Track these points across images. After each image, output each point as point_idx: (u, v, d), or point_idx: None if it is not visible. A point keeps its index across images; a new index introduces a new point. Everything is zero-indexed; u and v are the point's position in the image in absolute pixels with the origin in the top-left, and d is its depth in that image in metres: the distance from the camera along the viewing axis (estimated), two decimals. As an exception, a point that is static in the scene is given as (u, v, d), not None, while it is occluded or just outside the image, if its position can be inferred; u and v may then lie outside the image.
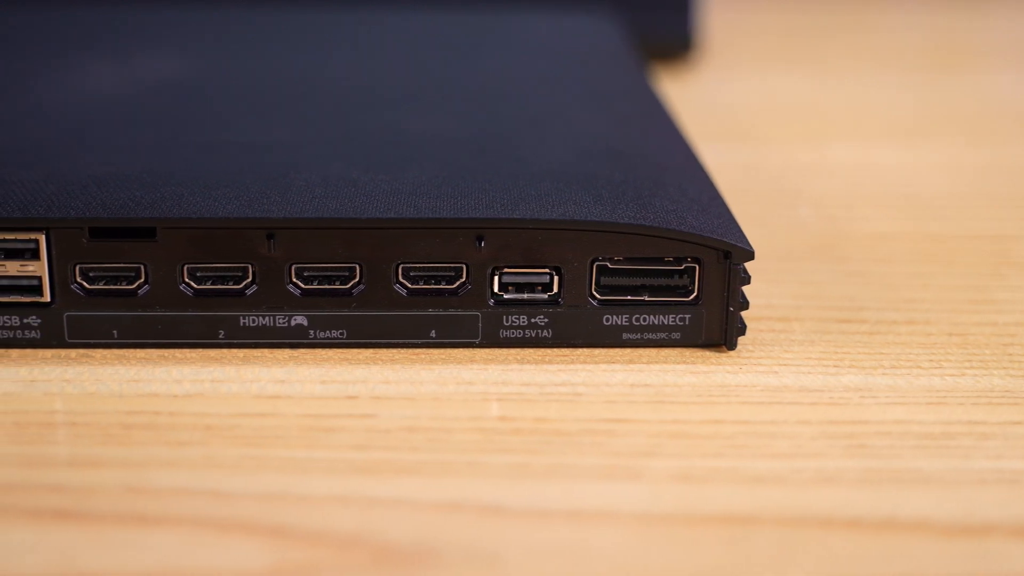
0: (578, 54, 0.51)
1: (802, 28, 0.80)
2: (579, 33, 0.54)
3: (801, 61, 0.72)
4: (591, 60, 0.50)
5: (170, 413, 0.31)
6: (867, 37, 0.79)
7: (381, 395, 0.32)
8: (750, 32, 0.77)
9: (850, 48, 0.75)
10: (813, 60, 0.72)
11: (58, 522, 0.27)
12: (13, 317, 0.33)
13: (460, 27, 0.55)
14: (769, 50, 0.75)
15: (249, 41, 0.52)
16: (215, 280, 0.33)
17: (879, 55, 0.74)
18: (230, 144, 0.38)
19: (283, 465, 0.29)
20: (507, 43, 0.53)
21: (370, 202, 0.33)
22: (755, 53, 0.73)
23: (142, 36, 0.52)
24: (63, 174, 0.35)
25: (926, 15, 0.84)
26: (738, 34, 0.75)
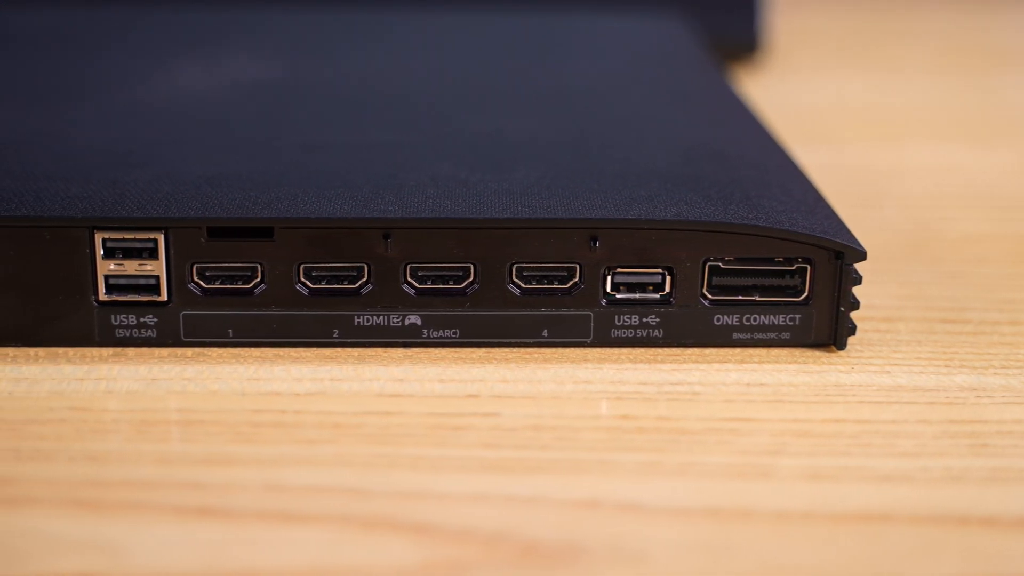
0: (654, 56, 0.52)
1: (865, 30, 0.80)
2: (651, 35, 0.54)
3: (866, 62, 0.72)
4: (669, 62, 0.51)
5: (295, 412, 0.31)
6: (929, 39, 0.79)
7: (501, 394, 0.32)
8: (814, 33, 0.78)
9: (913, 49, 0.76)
10: (878, 61, 0.72)
11: (203, 519, 0.27)
12: (130, 316, 0.34)
13: (533, 29, 0.55)
14: (834, 51, 0.75)
15: (331, 43, 0.52)
16: (330, 280, 0.34)
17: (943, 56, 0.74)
18: (333, 145, 0.38)
19: (416, 463, 0.29)
20: (582, 45, 0.53)
21: (483, 202, 0.34)
22: (820, 54, 0.73)
23: (227, 38, 0.52)
24: (174, 174, 0.35)
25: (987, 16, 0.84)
26: (803, 35, 0.76)
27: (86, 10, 0.56)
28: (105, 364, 0.33)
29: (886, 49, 0.75)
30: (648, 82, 0.48)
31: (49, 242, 0.33)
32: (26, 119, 0.40)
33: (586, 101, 0.44)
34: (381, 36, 0.53)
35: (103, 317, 0.33)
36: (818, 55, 0.73)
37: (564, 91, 0.46)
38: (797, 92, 0.61)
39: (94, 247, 0.33)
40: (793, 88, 0.62)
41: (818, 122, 0.56)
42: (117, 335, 0.34)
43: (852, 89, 0.65)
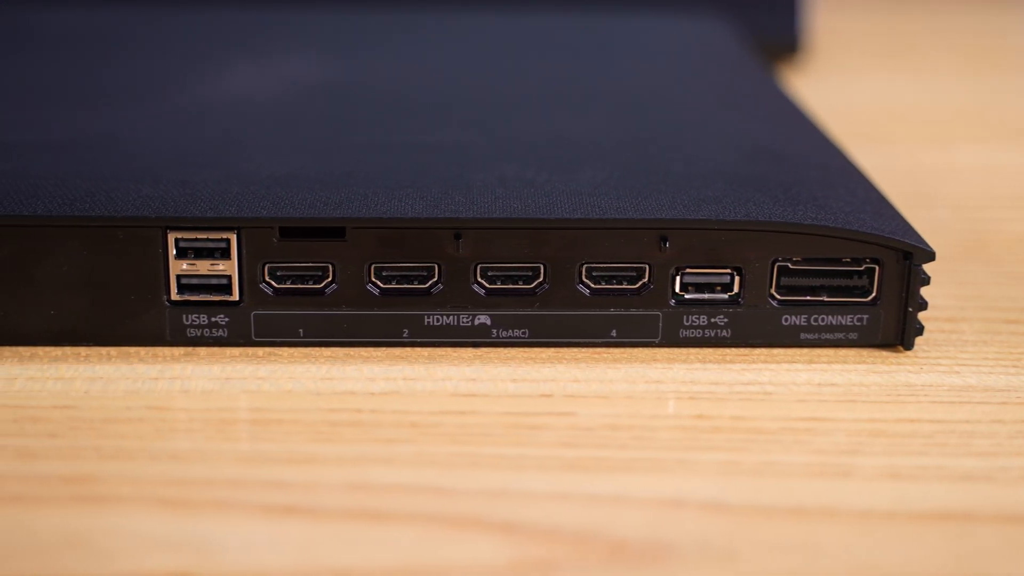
0: (701, 56, 0.52)
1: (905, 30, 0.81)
2: (695, 35, 0.54)
3: (907, 63, 0.72)
4: (716, 62, 0.51)
5: (372, 411, 0.31)
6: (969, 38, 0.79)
7: (574, 393, 0.32)
8: (854, 34, 0.78)
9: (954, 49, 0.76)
10: (919, 62, 0.73)
11: (290, 518, 0.27)
12: (202, 316, 0.34)
13: (575, 30, 0.55)
14: (874, 52, 0.75)
15: (379, 44, 0.52)
16: (401, 279, 0.34)
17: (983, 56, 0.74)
18: (396, 145, 0.38)
19: (497, 463, 0.29)
20: (627, 46, 0.53)
21: (553, 202, 0.34)
22: (861, 54, 0.73)
23: (276, 38, 0.52)
24: (241, 174, 0.35)
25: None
26: (842, 36, 0.76)
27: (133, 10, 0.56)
28: (177, 363, 0.33)
29: (926, 49, 0.75)
30: (698, 82, 0.48)
31: (122, 242, 0.33)
32: (87, 120, 0.40)
33: (639, 102, 0.44)
34: (425, 37, 0.53)
35: (175, 317, 0.34)
36: (858, 55, 0.73)
37: (616, 92, 0.46)
38: (839, 92, 0.61)
39: (167, 247, 0.33)
40: (835, 88, 0.62)
41: (862, 123, 0.56)
42: (188, 335, 0.34)
43: (894, 89, 0.66)
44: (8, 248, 0.33)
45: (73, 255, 0.33)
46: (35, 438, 0.30)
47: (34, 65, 0.47)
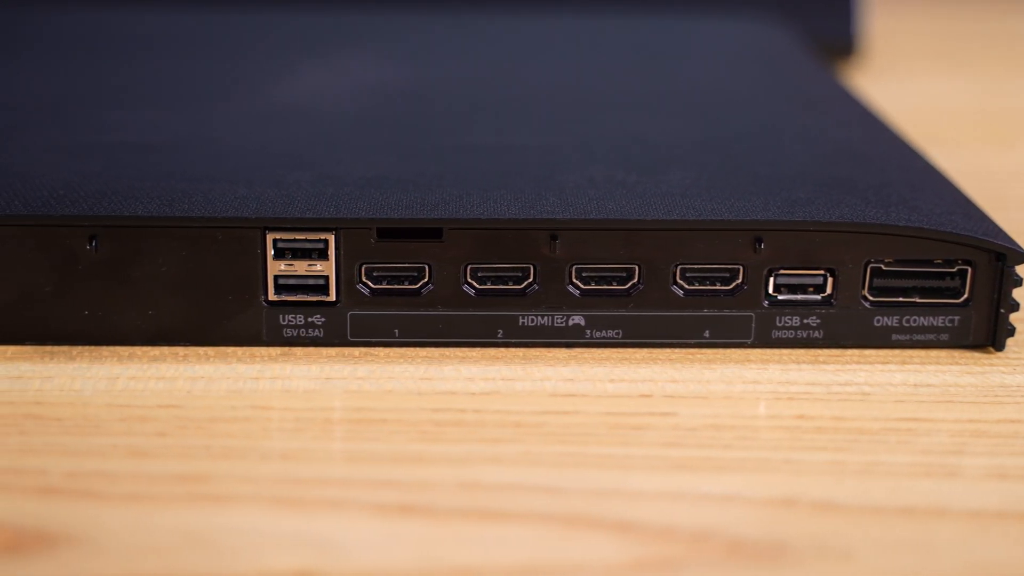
0: (765, 58, 0.52)
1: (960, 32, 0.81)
2: (757, 39, 0.55)
3: (963, 65, 0.72)
4: (780, 65, 0.51)
5: (474, 411, 0.31)
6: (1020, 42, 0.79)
7: (673, 394, 0.32)
8: (910, 35, 0.78)
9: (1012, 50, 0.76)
10: (975, 64, 0.73)
11: (406, 517, 0.27)
12: (298, 316, 0.34)
13: (636, 33, 0.55)
14: (931, 54, 0.75)
15: (446, 47, 0.52)
16: (496, 280, 0.34)
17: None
18: (481, 147, 0.38)
19: (604, 462, 0.29)
20: (691, 48, 0.53)
21: (646, 203, 0.34)
22: (917, 56, 0.73)
23: (349, 41, 0.52)
24: (334, 176, 0.35)
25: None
26: (898, 37, 0.76)
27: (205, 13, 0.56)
28: (276, 363, 0.33)
29: (982, 51, 0.75)
30: (766, 85, 0.48)
31: (221, 243, 0.33)
32: (169, 121, 0.40)
33: (712, 104, 0.44)
34: (488, 40, 0.54)
35: (271, 317, 0.34)
36: (915, 57, 0.73)
37: (687, 94, 0.46)
38: (897, 94, 0.61)
39: (265, 247, 0.33)
40: (894, 90, 0.62)
41: (923, 124, 0.56)
42: (285, 335, 0.34)
43: (952, 91, 0.66)
44: (108, 248, 0.33)
45: (172, 255, 0.33)
46: (144, 437, 0.30)
47: (112, 67, 0.47)
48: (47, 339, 0.34)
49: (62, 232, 0.33)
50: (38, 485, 0.28)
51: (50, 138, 0.38)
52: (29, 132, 0.39)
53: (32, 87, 0.44)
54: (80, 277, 0.33)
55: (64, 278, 0.33)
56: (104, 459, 0.29)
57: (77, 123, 0.40)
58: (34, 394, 0.32)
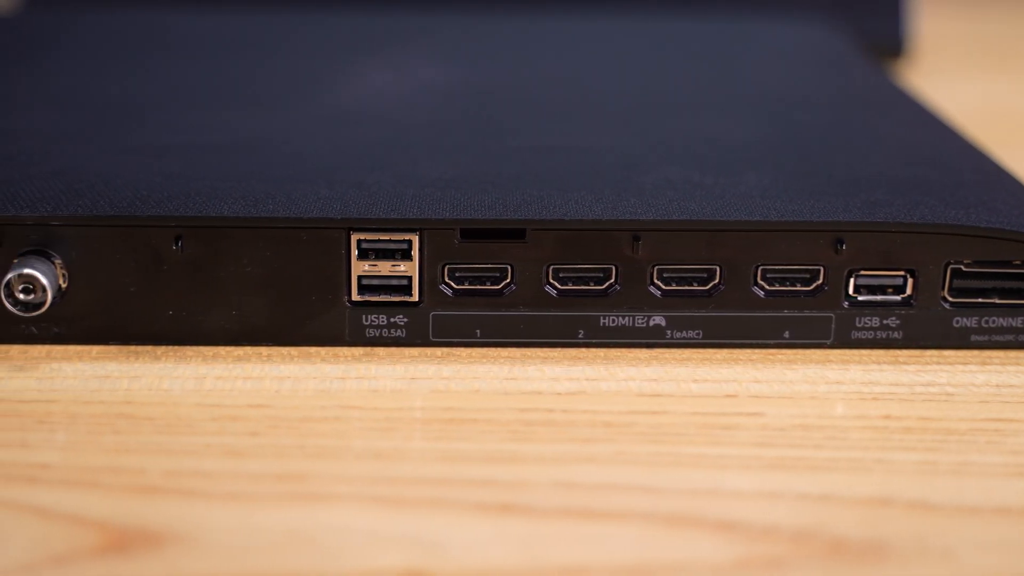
0: (821, 61, 0.52)
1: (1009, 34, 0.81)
2: (811, 41, 0.55)
3: (1013, 67, 0.72)
4: (838, 67, 0.51)
5: (563, 411, 0.31)
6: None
7: (758, 394, 0.32)
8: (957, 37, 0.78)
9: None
10: (1023, 66, 0.73)
11: (506, 516, 0.27)
12: (381, 316, 0.34)
13: (690, 35, 0.55)
14: (979, 55, 0.75)
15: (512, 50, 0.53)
16: (577, 281, 0.34)
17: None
18: (555, 148, 0.39)
19: (699, 462, 0.30)
20: (748, 51, 0.53)
21: (727, 205, 0.34)
22: (966, 58, 0.74)
23: (408, 42, 0.53)
24: (412, 176, 0.36)
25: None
26: (946, 39, 0.76)
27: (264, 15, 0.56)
28: (360, 363, 0.33)
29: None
30: (827, 86, 0.48)
31: (306, 243, 0.33)
32: (242, 122, 0.40)
33: (777, 106, 0.45)
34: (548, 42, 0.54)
35: (354, 317, 0.34)
36: (964, 58, 0.73)
37: (751, 96, 0.46)
38: (948, 96, 0.61)
39: (349, 248, 0.33)
40: (944, 92, 0.62)
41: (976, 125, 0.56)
42: (367, 335, 0.34)
43: (1003, 93, 0.66)
44: (193, 248, 0.33)
45: (257, 256, 0.33)
46: (237, 436, 0.30)
47: (179, 69, 0.47)
48: (131, 339, 0.34)
49: (148, 232, 0.33)
50: (138, 484, 0.28)
51: (126, 139, 0.38)
52: (104, 133, 0.39)
53: (103, 89, 0.44)
54: (165, 277, 0.33)
55: (149, 278, 0.33)
56: (200, 458, 0.29)
57: (151, 124, 0.40)
58: (123, 394, 0.32)
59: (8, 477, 0.28)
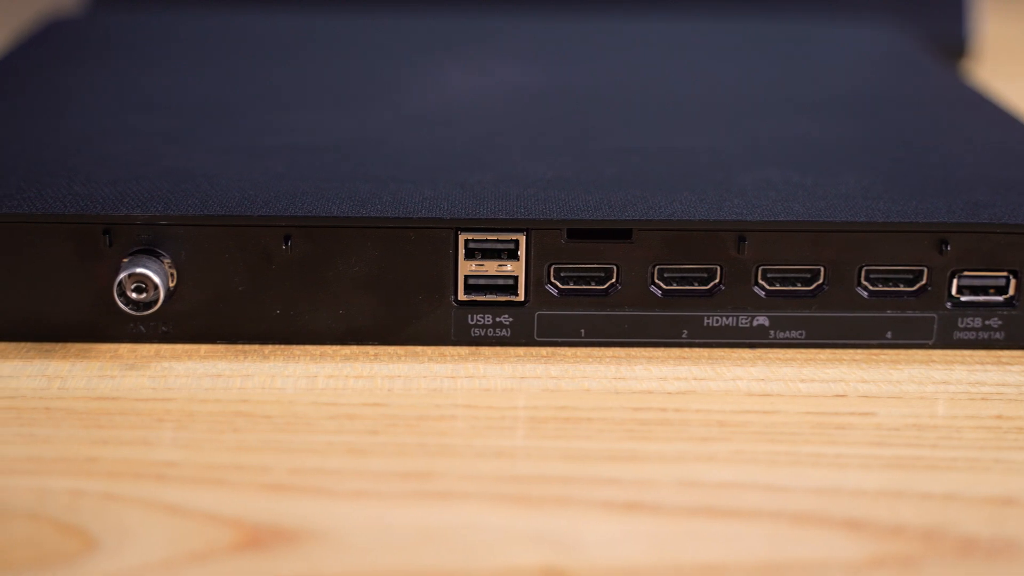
0: (895, 62, 0.52)
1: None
2: (880, 42, 0.55)
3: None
4: (912, 68, 0.51)
5: (676, 410, 0.32)
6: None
7: (866, 394, 0.33)
8: (1022, 38, 0.78)
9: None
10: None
11: (633, 514, 0.28)
12: (487, 316, 0.34)
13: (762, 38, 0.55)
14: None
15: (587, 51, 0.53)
16: (682, 281, 0.34)
17: None
18: (651, 149, 0.39)
19: (817, 460, 0.30)
20: (819, 52, 0.53)
21: (830, 205, 0.34)
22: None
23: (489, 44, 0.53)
24: (513, 176, 0.36)
25: None
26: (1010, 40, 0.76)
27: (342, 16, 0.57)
28: (467, 363, 0.34)
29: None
30: (906, 87, 0.48)
31: (413, 243, 0.33)
32: (336, 123, 0.41)
33: (859, 107, 0.45)
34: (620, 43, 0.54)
35: (460, 316, 0.34)
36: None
37: (832, 97, 0.46)
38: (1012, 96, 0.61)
39: (457, 248, 0.33)
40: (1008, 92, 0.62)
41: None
42: (472, 334, 0.34)
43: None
44: (302, 248, 0.33)
45: (365, 255, 0.33)
46: (357, 435, 0.30)
47: (264, 70, 0.48)
48: (239, 338, 0.34)
49: (258, 232, 0.33)
50: (264, 482, 0.28)
51: (224, 140, 0.39)
52: (201, 134, 0.39)
53: (191, 90, 0.44)
54: (273, 277, 0.33)
55: (257, 278, 0.34)
56: (323, 456, 0.29)
57: (245, 125, 0.40)
58: (237, 392, 0.32)
59: (136, 475, 0.29)
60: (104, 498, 0.28)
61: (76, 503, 0.27)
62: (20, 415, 0.31)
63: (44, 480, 0.28)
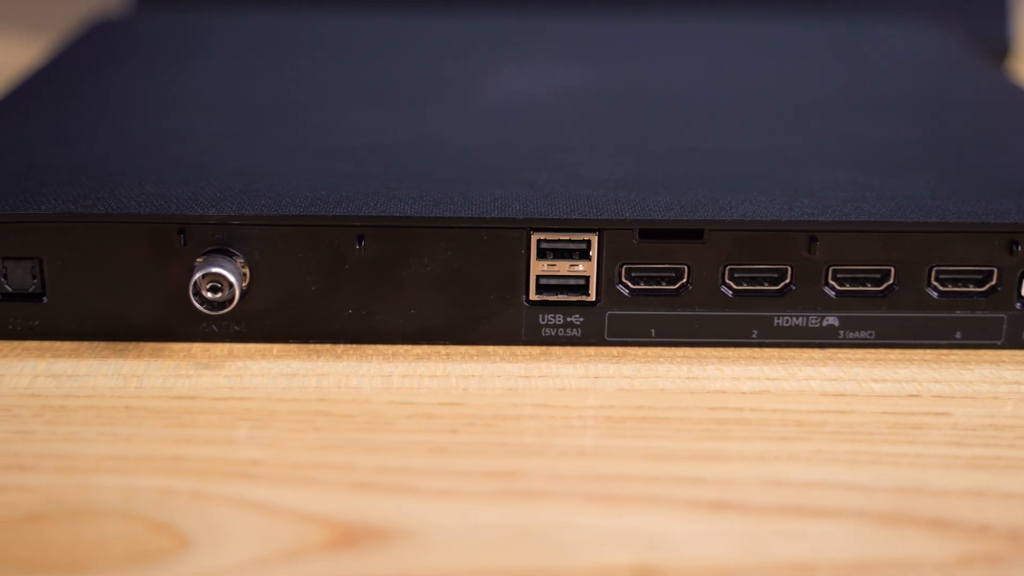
0: (943, 62, 0.52)
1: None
2: (927, 42, 0.55)
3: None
4: (961, 68, 0.51)
5: (752, 409, 0.32)
6: None
7: (940, 394, 0.33)
8: None
9: None
10: None
11: (718, 513, 0.28)
12: (558, 315, 0.34)
13: (807, 37, 0.55)
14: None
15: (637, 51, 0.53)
16: (752, 281, 0.34)
17: None
18: (714, 149, 0.39)
19: (897, 460, 0.30)
20: (866, 52, 0.53)
21: (900, 206, 0.34)
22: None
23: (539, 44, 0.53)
24: (581, 177, 0.36)
25: None
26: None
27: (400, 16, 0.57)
28: (539, 362, 0.34)
29: None
30: (959, 87, 0.48)
31: (486, 243, 0.33)
32: (401, 123, 0.41)
33: (915, 107, 0.45)
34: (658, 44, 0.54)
35: (531, 316, 0.34)
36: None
37: (885, 97, 0.46)
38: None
39: (529, 248, 0.34)
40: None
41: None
42: (543, 334, 0.34)
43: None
44: (375, 248, 0.33)
45: (438, 255, 0.34)
46: (437, 434, 0.30)
47: (322, 70, 0.48)
48: (310, 337, 0.34)
49: (331, 232, 0.33)
50: (350, 481, 0.29)
51: (289, 140, 0.39)
52: (266, 134, 0.39)
53: (251, 90, 0.45)
54: (346, 276, 0.34)
55: (330, 277, 0.34)
56: (406, 455, 0.30)
57: (309, 125, 0.40)
58: (314, 391, 0.32)
59: (223, 473, 0.29)
60: (193, 496, 0.28)
61: (165, 501, 0.28)
62: (100, 414, 0.31)
63: (132, 479, 0.28)
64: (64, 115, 0.41)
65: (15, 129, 0.40)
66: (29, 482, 0.28)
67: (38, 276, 0.34)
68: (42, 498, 0.28)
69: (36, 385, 0.32)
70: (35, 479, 0.28)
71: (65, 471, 0.29)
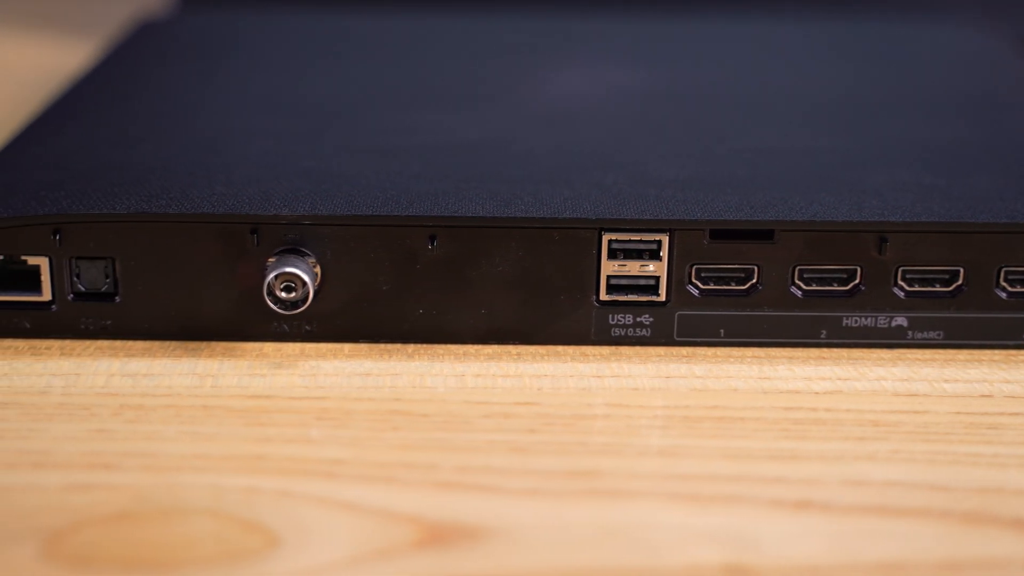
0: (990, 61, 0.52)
1: None
2: (970, 41, 0.55)
3: None
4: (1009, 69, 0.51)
5: (826, 410, 0.32)
6: None
7: (1012, 394, 0.33)
8: None
9: None
10: None
11: (805, 513, 0.28)
12: (627, 316, 0.34)
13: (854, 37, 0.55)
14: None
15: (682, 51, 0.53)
16: (822, 281, 0.34)
17: None
18: (774, 149, 0.39)
19: (976, 460, 0.30)
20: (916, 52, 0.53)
21: (968, 206, 0.34)
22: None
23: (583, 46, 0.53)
24: (647, 177, 0.36)
25: None
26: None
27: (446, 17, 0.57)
28: (610, 362, 0.34)
29: None
30: (1011, 89, 0.48)
31: (557, 243, 0.34)
32: (463, 124, 0.41)
33: (970, 107, 0.45)
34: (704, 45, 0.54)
35: (601, 316, 0.34)
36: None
37: (939, 97, 0.46)
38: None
39: (600, 248, 0.34)
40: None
41: None
42: (612, 334, 0.35)
43: None
44: (446, 248, 0.33)
45: (509, 255, 0.34)
46: (517, 434, 0.31)
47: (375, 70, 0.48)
48: (381, 337, 0.35)
49: (404, 232, 0.33)
50: (434, 480, 0.29)
51: (355, 140, 0.39)
52: (329, 135, 0.39)
53: (306, 91, 0.45)
54: (418, 276, 0.34)
55: (402, 277, 0.34)
56: (487, 455, 0.30)
57: (372, 126, 0.41)
58: (389, 391, 0.32)
59: (307, 472, 0.29)
60: (279, 495, 0.28)
61: (253, 500, 0.28)
62: (180, 413, 0.31)
63: (218, 477, 0.29)
64: (123, 116, 0.42)
65: (77, 131, 0.40)
66: (115, 481, 0.28)
67: (111, 276, 0.34)
68: (130, 496, 0.28)
69: (112, 384, 0.32)
70: (121, 478, 0.28)
71: (150, 470, 0.29)
